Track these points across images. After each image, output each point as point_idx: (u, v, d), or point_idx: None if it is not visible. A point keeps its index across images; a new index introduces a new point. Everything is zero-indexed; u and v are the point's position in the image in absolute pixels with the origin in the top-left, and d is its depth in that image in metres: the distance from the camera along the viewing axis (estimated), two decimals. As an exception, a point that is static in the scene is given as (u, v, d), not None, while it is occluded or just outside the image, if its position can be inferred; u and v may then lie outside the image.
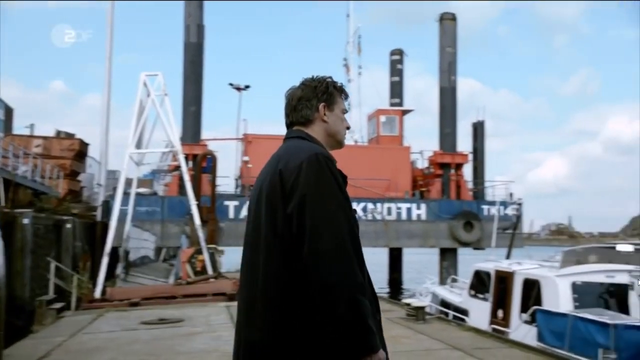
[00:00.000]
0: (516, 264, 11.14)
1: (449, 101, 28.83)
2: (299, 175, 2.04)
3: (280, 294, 2.03)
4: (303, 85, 2.37)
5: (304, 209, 2.00)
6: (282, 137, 2.43)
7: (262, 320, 2.05)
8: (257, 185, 2.24)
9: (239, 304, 2.23)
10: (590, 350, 7.68)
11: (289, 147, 2.23)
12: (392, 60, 33.02)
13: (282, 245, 2.04)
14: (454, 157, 28.35)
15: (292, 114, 2.34)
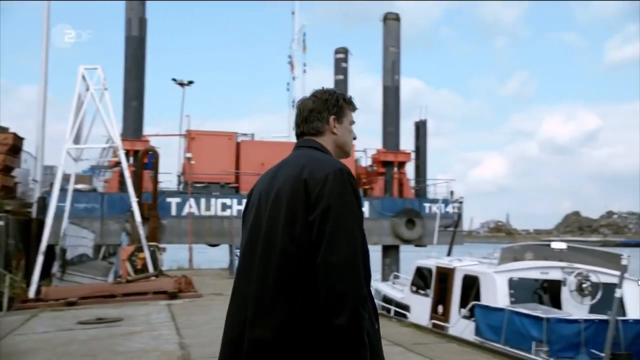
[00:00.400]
0: (457, 260, 11.42)
1: (392, 100, 29.21)
2: (324, 186, 2.14)
3: (293, 295, 2.10)
4: (314, 97, 2.49)
5: (326, 219, 2.09)
6: (225, 134, 2.45)
7: (273, 319, 2.11)
8: (266, 189, 2.33)
9: (239, 300, 2.26)
10: (524, 343, 7.95)
11: (311, 156, 2.32)
12: (336, 59, 33.17)
13: (299, 250, 2.12)
14: (396, 156, 28.74)
15: (304, 124, 2.47)
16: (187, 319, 9.62)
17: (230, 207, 25.37)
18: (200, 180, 25.75)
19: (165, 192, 25.02)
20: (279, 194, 2.24)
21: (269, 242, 2.20)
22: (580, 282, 9.22)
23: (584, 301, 9.24)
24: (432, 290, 11.50)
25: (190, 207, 24.43)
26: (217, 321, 9.32)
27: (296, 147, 2.47)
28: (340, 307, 2.00)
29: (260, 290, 2.17)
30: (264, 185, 2.38)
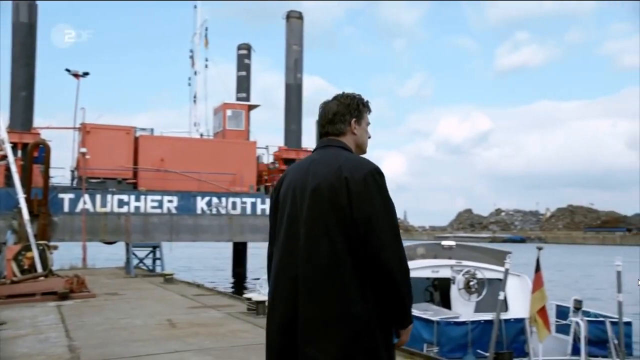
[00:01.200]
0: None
1: (295, 98, 29.43)
2: (366, 185, 2.48)
3: (343, 276, 2.43)
4: (337, 101, 2.80)
5: (373, 218, 2.44)
6: (123, 128, 2.47)
7: (326, 298, 2.43)
8: (300, 184, 2.62)
9: (286, 281, 2.54)
10: (417, 344, 8.24)
11: (345, 155, 2.63)
12: (239, 55, 32.97)
13: (348, 240, 2.45)
14: (298, 153, 28.96)
15: (329, 125, 2.77)
16: (78, 321, 9.27)
17: (128, 204, 24.62)
18: (96, 176, 24.79)
19: (58, 187, 23.88)
20: (320, 190, 2.53)
21: (314, 229, 2.51)
22: (468, 280, 9.72)
23: (471, 298, 9.74)
24: None
25: (85, 203, 23.47)
26: (111, 322, 9.06)
27: (323, 146, 2.75)
28: (401, 280, 2.45)
29: (309, 270, 2.48)
30: (296, 180, 2.66)
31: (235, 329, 8.45)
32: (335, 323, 2.42)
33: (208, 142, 29.01)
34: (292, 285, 2.52)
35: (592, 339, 8.41)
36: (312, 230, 2.52)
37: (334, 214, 2.49)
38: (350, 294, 2.43)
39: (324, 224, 2.50)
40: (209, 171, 26.38)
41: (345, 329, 2.41)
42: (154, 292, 13.67)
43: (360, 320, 2.42)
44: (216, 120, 30.54)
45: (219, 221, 26.09)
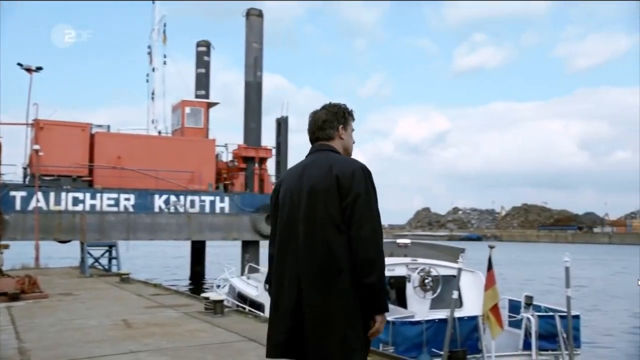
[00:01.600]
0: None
1: (254, 96, 29.31)
2: (352, 179, 2.84)
3: (337, 263, 2.78)
4: (326, 110, 3.15)
5: (356, 204, 2.79)
6: (78, 124, 2.51)
7: (325, 284, 2.78)
8: (297, 186, 2.97)
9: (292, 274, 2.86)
10: (373, 344, 8.33)
11: (334, 157, 3.00)
12: (198, 52, 32.66)
13: (338, 229, 2.80)
14: (257, 152, 28.89)
15: (319, 131, 3.12)
16: (29, 322, 9.06)
17: (83, 202, 24.18)
18: (50, 173, 24.24)
19: (9, 185, 23.29)
20: (315, 189, 2.89)
21: (311, 226, 2.85)
22: (423, 278, 9.86)
23: (426, 296, 9.88)
24: None
25: (38, 201, 22.92)
26: (64, 322, 8.89)
27: (315, 150, 3.11)
28: (370, 270, 2.75)
29: (309, 263, 2.82)
30: (292, 183, 3.02)
31: (192, 329, 8.39)
32: (335, 312, 2.76)
33: (166, 140, 28.68)
34: (295, 280, 2.86)
35: (543, 333, 8.65)
36: (310, 227, 2.86)
37: (328, 210, 2.84)
38: (346, 285, 2.77)
39: (321, 222, 2.84)
40: (167, 169, 26.09)
41: (343, 318, 2.76)
42: (110, 292, 13.45)
43: (354, 310, 2.77)
44: (175, 118, 30.20)
45: (177, 219, 25.85)
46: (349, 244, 2.79)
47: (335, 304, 2.77)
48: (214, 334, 8.14)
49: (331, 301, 2.77)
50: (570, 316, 8.38)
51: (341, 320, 2.76)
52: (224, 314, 9.81)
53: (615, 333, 18.46)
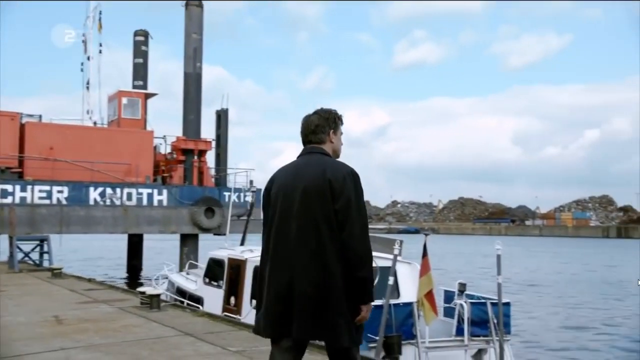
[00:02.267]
0: (248, 251, 11.56)
1: (194, 87, 28.83)
2: (344, 184, 3.18)
3: (326, 257, 3.13)
4: (318, 115, 3.47)
5: (348, 207, 3.15)
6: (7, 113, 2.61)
7: (313, 274, 3.13)
8: (291, 184, 3.28)
9: (282, 266, 3.22)
10: None
11: (327, 161, 3.34)
12: (135, 41, 31.81)
13: (330, 227, 3.14)
14: (197, 144, 28.45)
15: (311, 135, 3.45)
16: (-47, 320, 8.65)
17: (12, 194, 23.23)
18: (-24, 164, 23.17)
19: None
20: (309, 190, 3.21)
21: (305, 222, 3.19)
22: None
23: None
24: (224, 282, 11.55)
25: (-38, 193, 21.89)
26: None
27: (308, 152, 3.43)
28: (362, 264, 3.13)
29: (300, 255, 3.16)
30: (287, 181, 3.33)
31: (127, 324, 8.22)
32: (323, 296, 3.11)
33: (102, 131, 27.88)
34: (287, 269, 3.19)
35: (475, 319, 8.88)
36: (303, 222, 3.20)
37: (320, 209, 3.18)
38: (334, 273, 3.12)
39: (313, 218, 3.18)
40: (102, 161, 25.38)
41: (330, 301, 3.11)
42: (40, 288, 13.01)
43: (341, 295, 3.12)
44: (111, 108, 29.38)
45: (113, 212, 25.20)
46: (340, 241, 3.14)
47: (325, 293, 3.12)
48: (149, 328, 8.00)
49: (321, 290, 3.12)
50: (501, 303, 8.63)
51: (330, 308, 3.12)
52: (160, 309, 9.65)
53: (543, 319, 19.21)
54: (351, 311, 3.17)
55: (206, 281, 12.30)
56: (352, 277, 3.13)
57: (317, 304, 3.13)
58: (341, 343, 3.17)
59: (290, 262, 3.20)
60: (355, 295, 3.16)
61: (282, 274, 3.22)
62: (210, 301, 11.68)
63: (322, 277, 3.13)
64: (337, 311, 3.13)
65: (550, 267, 44.14)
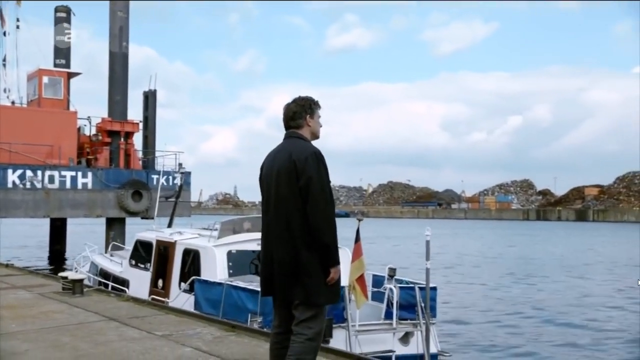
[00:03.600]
0: (177, 233, 11.35)
1: (120, 67, 27.93)
2: (306, 163, 3.69)
3: (294, 229, 3.71)
4: (295, 103, 3.98)
5: (310, 184, 3.66)
6: None
7: (285, 244, 3.75)
8: (270, 167, 3.90)
9: (269, 235, 3.88)
10: (241, 315, 8.30)
11: (296, 144, 3.86)
12: (57, 18, 30.45)
13: (296, 203, 3.70)
14: (123, 125, 27.64)
15: (291, 121, 3.97)
16: None
17: None
18: None
19: None
20: (280, 172, 3.79)
21: (279, 199, 3.79)
22: None
23: None
24: (152, 265, 11.31)
25: None
26: None
27: (287, 137, 3.97)
28: (325, 232, 3.68)
29: (276, 228, 3.79)
30: (269, 164, 3.94)
31: (47, 310, 7.91)
32: (294, 263, 3.69)
33: (21, 111, 26.67)
34: (269, 240, 3.86)
35: (403, 303, 9.07)
36: (276, 200, 3.80)
37: (288, 188, 3.73)
38: (301, 243, 3.69)
39: (283, 195, 3.76)
40: (22, 142, 24.28)
41: (299, 266, 3.68)
42: (-47, 274, 12.33)
43: (310, 260, 3.67)
44: (30, 87, 28.10)
45: (33, 196, 24.22)
46: (305, 214, 3.66)
47: (295, 259, 3.69)
48: (71, 314, 7.74)
49: (292, 257, 3.70)
50: (429, 288, 8.84)
51: (301, 271, 3.68)
52: (83, 294, 9.35)
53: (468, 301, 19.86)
54: (323, 274, 3.71)
55: (132, 263, 12.02)
56: (317, 245, 3.67)
57: (289, 270, 3.71)
58: (313, 300, 3.71)
59: (270, 236, 3.85)
60: (322, 260, 3.70)
61: (267, 246, 3.88)
62: (136, 284, 11.43)
63: (292, 247, 3.70)
64: (307, 274, 3.68)
65: (474, 248, 45.66)
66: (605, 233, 73.33)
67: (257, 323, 8.15)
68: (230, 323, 7.30)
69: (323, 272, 3.72)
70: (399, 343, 9.04)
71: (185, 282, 10.13)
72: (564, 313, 17.84)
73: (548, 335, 14.74)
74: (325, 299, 3.81)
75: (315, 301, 3.74)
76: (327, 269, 3.73)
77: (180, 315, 7.99)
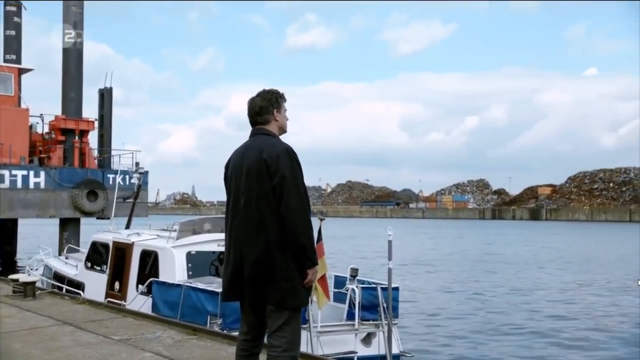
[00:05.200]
0: (135, 234, 11.09)
1: (74, 64, 27.15)
2: (278, 161, 3.52)
3: (268, 230, 3.53)
4: (261, 98, 3.80)
5: (283, 182, 3.50)
6: None
7: (258, 246, 3.53)
8: (239, 165, 3.69)
9: (239, 236, 3.63)
10: (200, 317, 8.14)
11: (266, 141, 3.68)
12: (6, 12, 29.43)
13: (269, 203, 3.53)
14: (78, 123, 26.88)
15: (257, 117, 3.79)
16: None
17: None
18: None
19: None
20: (250, 170, 3.60)
21: (248, 199, 3.59)
22: None
23: None
24: (108, 266, 11.02)
25: None
26: None
27: (254, 134, 3.80)
28: (301, 232, 3.50)
29: (247, 229, 3.58)
30: (236, 162, 3.73)
31: (-3, 315, 7.59)
32: (267, 265, 3.50)
33: (-32, 108, 25.67)
34: (237, 242, 3.62)
35: (366, 304, 9.02)
36: (247, 200, 3.60)
37: (260, 187, 3.55)
38: (275, 243, 3.51)
39: (254, 195, 3.57)
40: (-30, 140, 23.41)
41: (273, 269, 3.49)
42: None
43: (284, 262, 3.50)
44: (-21, 84, 27.08)
45: (-19, 196, 23.34)
46: (279, 214, 3.50)
47: (269, 261, 3.50)
48: (22, 319, 7.45)
49: (266, 259, 3.50)
50: (391, 288, 8.82)
51: (276, 273, 3.49)
52: (35, 297, 9.03)
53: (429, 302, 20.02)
54: (299, 275, 3.56)
55: (88, 266, 11.70)
56: (293, 245, 3.51)
57: (262, 272, 3.51)
58: (289, 304, 3.54)
59: (240, 237, 3.62)
60: (299, 261, 3.54)
61: (235, 248, 3.64)
62: (92, 287, 11.13)
63: (264, 248, 3.51)
64: (282, 277, 3.50)
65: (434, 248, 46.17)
66: (558, 231, 75.21)
67: (217, 325, 8.02)
68: (191, 326, 7.15)
69: (299, 274, 3.56)
70: (361, 344, 9.00)
71: (143, 284, 9.90)
72: (523, 310, 18.17)
73: (508, 332, 14.95)
74: (301, 302, 3.62)
75: (292, 305, 3.55)
76: (304, 270, 3.56)
77: (139, 318, 7.78)
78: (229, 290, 3.71)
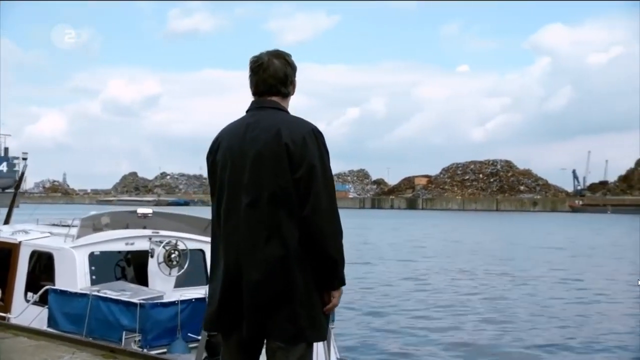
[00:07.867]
0: (22, 232, 9.46)
1: None
2: (305, 147, 2.63)
3: (283, 238, 2.61)
4: (284, 60, 2.86)
5: (312, 176, 2.61)
6: None
7: (267, 259, 2.61)
8: (238, 149, 2.72)
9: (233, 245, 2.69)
10: (113, 333, 6.89)
11: (283, 118, 2.74)
12: None
13: (287, 202, 2.61)
14: None
15: (281, 86, 2.82)
16: None
17: None
18: None
19: None
20: (261, 156, 2.65)
21: (255, 196, 2.64)
22: (169, 252, 8.63)
23: (172, 272, 8.68)
24: None
25: None
26: None
27: (259, 107, 2.80)
28: (331, 242, 2.65)
29: (251, 235, 2.64)
30: (233, 145, 2.75)
31: None
32: (279, 286, 2.58)
33: None
34: (235, 252, 2.67)
35: None
36: (254, 197, 2.64)
37: (275, 180, 2.61)
38: (292, 257, 2.59)
39: (267, 190, 2.62)
40: None
41: (287, 291, 2.59)
42: None
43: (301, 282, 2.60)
44: None
45: None
46: (301, 219, 2.61)
47: (280, 282, 2.61)
48: None
49: (276, 279, 2.61)
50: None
51: (293, 298, 2.60)
52: None
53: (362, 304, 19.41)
54: (316, 300, 2.68)
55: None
56: (319, 259, 2.64)
57: (271, 296, 2.61)
58: (302, 339, 2.64)
59: (238, 245, 2.68)
60: (323, 281, 2.67)
61: (229, 259, 2.71)
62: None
63: (278, 263, 2.61)
64: (300, 302, 2.62)
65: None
66: (435, 222, 78.33)
67: (136, 343, 6.83)
68: (108, 346, 5.95)
69: (320, 298, 2.68)
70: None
71: (34, 293, 8.38)
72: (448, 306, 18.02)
73: (445, 330, 14.69)
74: (322, 335, 2.73)
75: (310, 339, 2.68)
76: (329, 291, 2.70)
77: (36, 337, 6.40)
78: (218, 317, 2.73)
